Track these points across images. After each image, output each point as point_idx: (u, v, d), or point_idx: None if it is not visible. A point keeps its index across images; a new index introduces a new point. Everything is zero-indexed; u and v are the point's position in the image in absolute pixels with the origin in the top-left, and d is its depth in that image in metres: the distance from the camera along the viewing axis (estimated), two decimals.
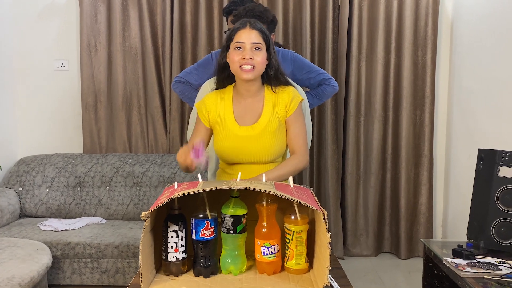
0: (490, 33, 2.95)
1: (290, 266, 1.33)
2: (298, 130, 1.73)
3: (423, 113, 3.52)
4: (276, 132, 1.70)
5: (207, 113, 1.75)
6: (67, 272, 2.81)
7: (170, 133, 3.54)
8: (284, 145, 1.76)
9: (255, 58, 1.63)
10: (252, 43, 1.64)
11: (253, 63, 1.63)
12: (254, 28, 1.66)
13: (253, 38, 1.64)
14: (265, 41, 1.68)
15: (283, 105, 1.72)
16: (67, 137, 3.62)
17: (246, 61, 1.62)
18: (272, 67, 1.71)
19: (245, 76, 1.64)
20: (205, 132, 1.77)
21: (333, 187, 3.52)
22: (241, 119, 1.73)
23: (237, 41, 1.65)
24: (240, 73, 1.65)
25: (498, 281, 1.91)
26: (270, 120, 1.71)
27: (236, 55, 1.64)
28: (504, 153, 2.26)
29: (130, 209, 3.27)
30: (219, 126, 1.73)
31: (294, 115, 1.73)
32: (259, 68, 1.66)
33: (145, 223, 1.14)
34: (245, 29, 1.65)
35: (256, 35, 1.65)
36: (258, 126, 1.70)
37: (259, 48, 1.65)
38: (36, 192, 3.27)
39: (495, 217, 2.23)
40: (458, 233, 3.35)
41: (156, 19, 3.48)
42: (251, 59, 1.62)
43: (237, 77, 1.71)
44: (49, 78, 3.57)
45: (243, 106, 1.74)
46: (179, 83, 2.52)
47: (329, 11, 3.41)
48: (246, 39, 1.64)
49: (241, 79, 1.68)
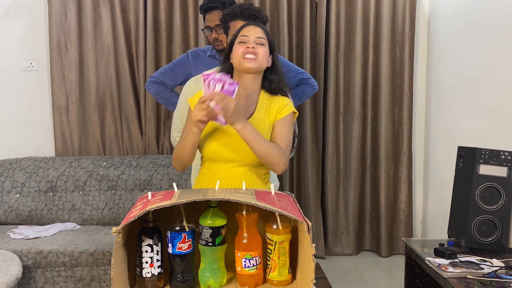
0: (466, 30, 2.95)
1: (273, 278, 1.27)
2: (284, 132, 1.67)
3: (401, 111, 3.51)
4: (265, 134, 1.65)
5: None
6: (39, 282, 2.69)
7: (146, 134, 3.44)
8: None
9: (258, 50, 1.62)
10: (256, 37, 1.63)
11: (256, 51, 1.61)
12: (258, 27, 1.68)
13: (258, 33, 1.65)
14: (268, 42, 1.67)
15: (275, 109, 1.68)
16: (38, 140, 3.48)
17: (249, 50, 1.60)
18: (276, 71, 1.71)
19: (247, 64, 1.61)
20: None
21: (313, 186, 3.49)
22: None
23: (242, 35, 1.64)
24: (243, 62, 1.61)
25: (481, 280, 1.91)
26: (262, 122, 1.66)
27: (239, 47, 1.63)
28: (484, 151, 2.26)
29: (105, 213, 3.16)
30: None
31: (283, 120, 1.68)
32: (261, 59, 1.63)
33: (116, 238, 1.06)
34: (250, 26, 1.67)
35: (260, 32, 1.66)
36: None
37: (263, 44, 1.64)
38: (5, 198, 3.13)
39: (476, 215, 2.23)
40: (437, 230, 3.37)
41: (129, 17, 3.37)
42: (254, 48, 1.60)
43: (238, 70, 1.67)
44: (18, 79, 3.42)
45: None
46: (153, 83, 2.44)
47: (306, 8, 3.37)
48: (251, 34, 1.64)
49: (243, 69, 1.63)
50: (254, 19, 1.99)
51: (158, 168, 3.23)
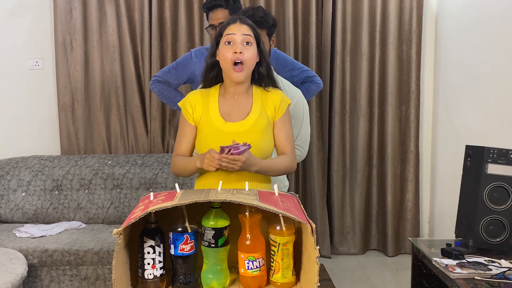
0: (475, 27, 2.90)
1: (276, 279, 1.25)
2: (288, 133, 1.71)
3: (408, 109, 3.47)
4: (264, 130, 1.65)
5: (192, 109, 1.67)
6: (45, 281, 2.70)
7: (151, 133, 3.43)
8: (271, 146, 1.69)
9: (245, 54, 1.59)
10: (242, 34, 1.60)
11: (243, 58, 1.58)
12: (244, 23, 1.64)
13: (243, 30, 1.61)
14: (255, 37, 1.64)
15: (272, 105, 1.68)
16: (44, 139, 3.48)
17: (237, 56, 1.58)
18: (263, 64, 1.68)
19: (236, 75, 1.60)
20: (191, 132, 1.69)
21: (319, 185, 3.46)
22: (228, 115, 1.66)
23: (228, 33, 1.61)
24: (232, 73, 1.60)
25: (489, 281, 1.88)
26: (259, 118, 1.65)
27: (227, 50, 1.59)
28: (492, 150, 2.22)
29: (110, 212, 3.16)
30: (204, 123, 1.66)
31: (283, 118, 1.70)
32: (249, 65, 1.62)
33: (118, 240, 1.05)
34: (235, 23, 1.63)
35: (246, 29, 1.62)
36: (247, 123, 1.64)
37: (249, 43, 1.61)
38: (11, 196, 3.13)
39: (484, 215, 2.20)
40: (445, 229, 3.33)
41: (134, 15, 3.36)
42: (242, 53, 1.58)
43: (226, 76, 1.65)
44: (23, 78, 3.42)
45: (230, 103, 1.68)
46: (157, 82, 2.43)
47: (312, 5, 3.33)
48: (237, 31, 1.60)
49: (232, 79, 1.63)
50: (259, 25, 1.95)
51: (163, 167, 3.22)
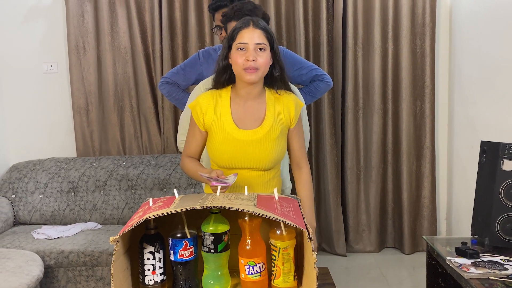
0: (490, 18, 2.82)
1: (277, 284, 1.24)
2: (302, 141, 1.73)
3: (423, 104, 3.40)
4: (278, 138, 1.63)
5: (202, 115, 1.64)
6: (61, 281, 2.75)
7: (164, 133, 3.45)
8: (283, 153, 1.68)
9: (258, 60, 1.56)
10: (255, 43, 1.56)
11: (256, 65, 1.55)
12: (257, 27, 1.59)
13: (256, 38, 1.56)
14: (269, 41, 1.60)
15: (286, 111, 1.66)
16: (60, 141, 3.54)
17: (249, 64, 1.54)
18: (277, 68, 1.65)
19: (248, 77, 1.57)
20: (200, 137, 1.68)
21: (333, 183, 3.43)
22: (241, 122, 1.63)
23: (240, 42, 1.57)
24: (244, 75, 1.57)
25: (504, 281, 1.83)
26: (273, 125, 1.63)
27: (239, 56, 1.56)
28: (508, 145, 2.15)
29: (125, 213, 3.19)
30: (216, 128, 1.63)
31: (298, 126, 1.71)
32: (263, 69, 1.59)
33: (115, 247, 1.05)
34: (248, 28, 1.58)
35: (259, 35, 1.57)
36: (261, 130, 1.62)
37: (263, 49, 1.57)
38: (29, 199, 3.20)
39: (500, 213, 2.14)
40: (463, 227, 3.26)
41: (144, 17, 3.38)
42: (255, 61, 1.55)
43: (239, 79, 1.63)
44: (39, 82, 3.49)
45: (242, 109, 1.65)
46: (165, 83, 2.43)
47: (322, 1, 3.29)
48: (249, 40, 1.56)
49: (244, 81, 1.60)
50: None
51: (176, 167, 3.24)
